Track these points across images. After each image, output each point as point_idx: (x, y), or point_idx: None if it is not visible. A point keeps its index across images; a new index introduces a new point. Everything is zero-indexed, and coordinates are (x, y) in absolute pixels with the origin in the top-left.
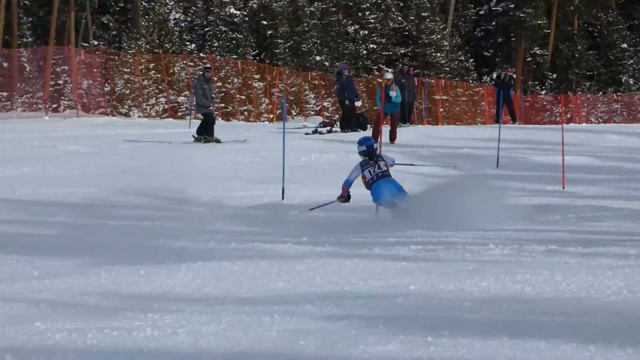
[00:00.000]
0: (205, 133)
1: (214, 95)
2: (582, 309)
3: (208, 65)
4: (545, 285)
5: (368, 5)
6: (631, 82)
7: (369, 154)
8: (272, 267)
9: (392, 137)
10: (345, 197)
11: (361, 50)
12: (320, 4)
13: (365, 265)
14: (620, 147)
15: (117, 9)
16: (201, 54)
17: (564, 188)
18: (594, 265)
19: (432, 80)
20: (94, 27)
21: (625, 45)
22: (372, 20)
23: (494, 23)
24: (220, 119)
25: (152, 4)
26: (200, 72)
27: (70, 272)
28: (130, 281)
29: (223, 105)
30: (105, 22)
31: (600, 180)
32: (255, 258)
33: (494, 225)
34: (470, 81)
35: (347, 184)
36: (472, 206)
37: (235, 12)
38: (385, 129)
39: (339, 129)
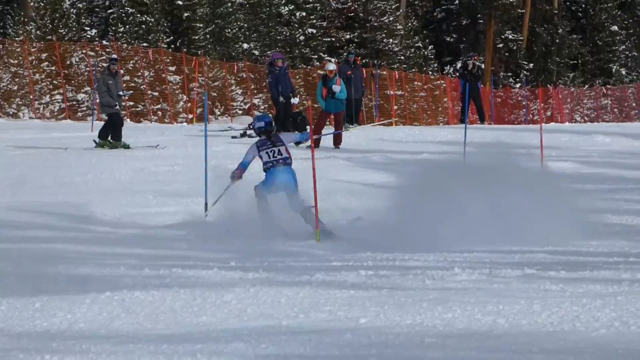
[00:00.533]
0: (112, 137)
1: (121, 93)
2: (565, 345)
3: (114, 56)
4: (522, 317)
5: None
6: (623, 72)
7: (267, 131)
8: (194, 297)
9: (337, 140)
10: (238, 176)
11: (298, 35)
12: None
13: (306, 295)
14: (611, 151)
15: None
16: (104, 42)
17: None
18: (579, 293)
19: (384, 72)
20: None
21: (615, 28)
22: (310, 0)
23: (456, 1)
24: (128, 119)
25: None
26: (104, 65)
27: None
28: (23, 316)
29: (132, 103)
30: None
31: (587, 191)
32: (173, 287)
33: (460, 246)
34: (430, 72)
35: (243, 167)
36: (433, 222)
37: None
38: (328, 131)
39: None
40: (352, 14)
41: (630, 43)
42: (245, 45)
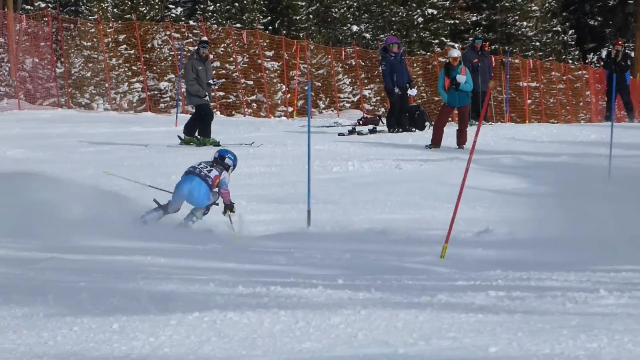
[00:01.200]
0: (199, 133)
1: (211, 81)
2: None
3: (204, 38)
4: None
5: None
6: None
7: (216, 160)
8: (296, 319)
9: (461, 138)
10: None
11: (416, 17)
12: None
13: (426, 318)
14: None
15: None
16: (191, 22)
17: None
18: None
19: (517, 60)
20: None
21: None
22: None
23: None
24: (218, 112)
25: None
26: (193, 48)
27: (14, 326)
28: (100, 339)
29: (222, 94)
30: None
31: None
32: (272, 307)
33: (606, 264)
34: (570, 61)
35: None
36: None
37: None
38: (452, 128)
39: (385, 128)
40: None
41: None
42: (354, 28)
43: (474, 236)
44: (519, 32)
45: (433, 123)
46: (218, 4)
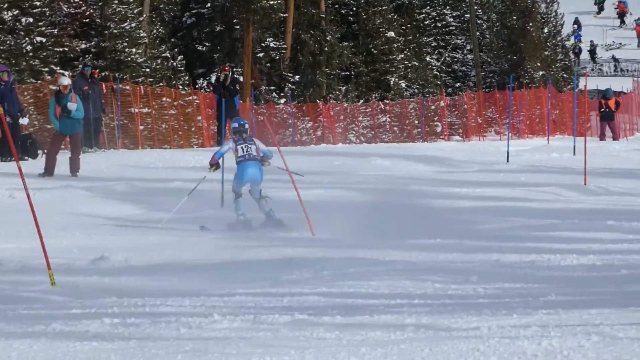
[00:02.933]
0: None
1: None
2: None
3: None
4: None
5: None
6: (402, 84)
7: (239, 131)
8: None
9: (74, 166)
10: (215, 165)
11: (24, 45)
12: None
13: (41, 348)
14: (391, 176)
15: None
16: None
17: (313, 234)
18: (357, 341)
19: (127, 87)
20: None
21: (392, 34)
22: (38, 2)
23: (208, 4)
24: None
25: None
26: None
27: None
28: None
29: None
30: None
31: (364, 224)
32: None
33: (218, 287)
34: (181, 87)
35: (218, 155)
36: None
37: None
38: (65, 156)
39: None
40: (88, 20)
41: (410, 51)
42: None
43: (89, 264)
44: (129, 58)
45: (46, 151)
46: None
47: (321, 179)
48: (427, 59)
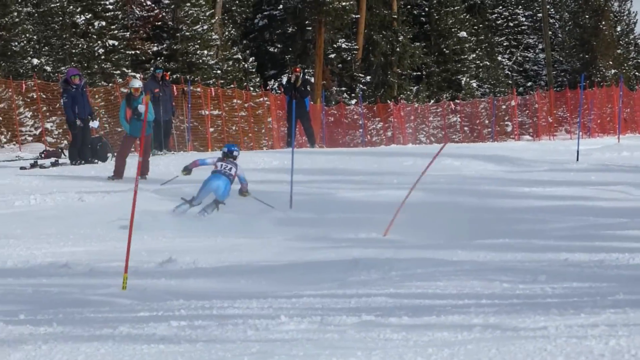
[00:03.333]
0: None
1: None
2: None
3: None
4: None
5: None
6: (474, 84)
7: (226, 155)
8: None
9: (143, 169)
10: (189, 169)
11: (96, 48)
12: None
13: (107, 351)
14: (461, 177)
15: None
16: None
17: (385, 235)
18: (424, 342)
19: (198, 89)
20: None
21: (463, 34)
22: (110, 6)
23: (280, 6)
24: None
25: None
26: None
27: None
28: None
29: None
30: None
31: (433, 224)
32: None
33: (286, 289)
34: (252, 88)
35: (201, 163)
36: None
37: None
38: (134, 159)
39: (68, 160)
40: (160, 23)
41: (481, 51)
42: (35, 61)
43: (156, 266)
44: (200, 60)
45: (115, 154)
46: None
47: (390, 179)
48: (499, 58)
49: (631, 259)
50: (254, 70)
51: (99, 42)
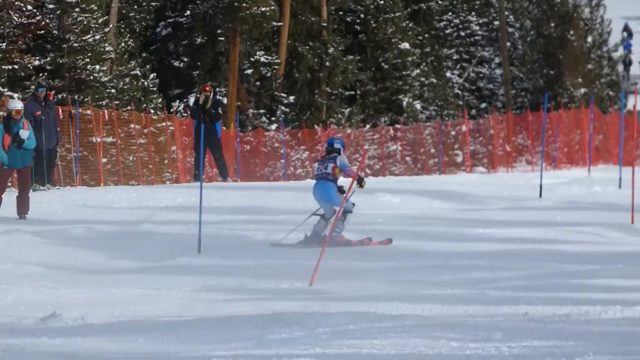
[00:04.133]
0: None
1: None
2: None
3: None
4: None
5: None
6: (417, 105)
7: (327, 151)
8: None
9: (22, 206)
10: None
11: None
12: None
13: None
14: (402, 216)
15: None
16: None
17: (311, 285)
18: None
19: (89, 111)
20: None
21: (406, 46)
22: None
23: (187, 12)
24: None
25: None
26: None
27: None
28: None
29: None
30: None
31: (368, 272)
32: None
33: (192, 349)
34: (153, 111)
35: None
36: None
37: None
38: (12, 195)
39: None
40: (43, 32)
41: (427, 66)
42: None
43: (37, 322)
44: (91, 77)
45: None
46: None
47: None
48: (448, 74)
49: (603, 313)
50: (155, 89)
51: None
